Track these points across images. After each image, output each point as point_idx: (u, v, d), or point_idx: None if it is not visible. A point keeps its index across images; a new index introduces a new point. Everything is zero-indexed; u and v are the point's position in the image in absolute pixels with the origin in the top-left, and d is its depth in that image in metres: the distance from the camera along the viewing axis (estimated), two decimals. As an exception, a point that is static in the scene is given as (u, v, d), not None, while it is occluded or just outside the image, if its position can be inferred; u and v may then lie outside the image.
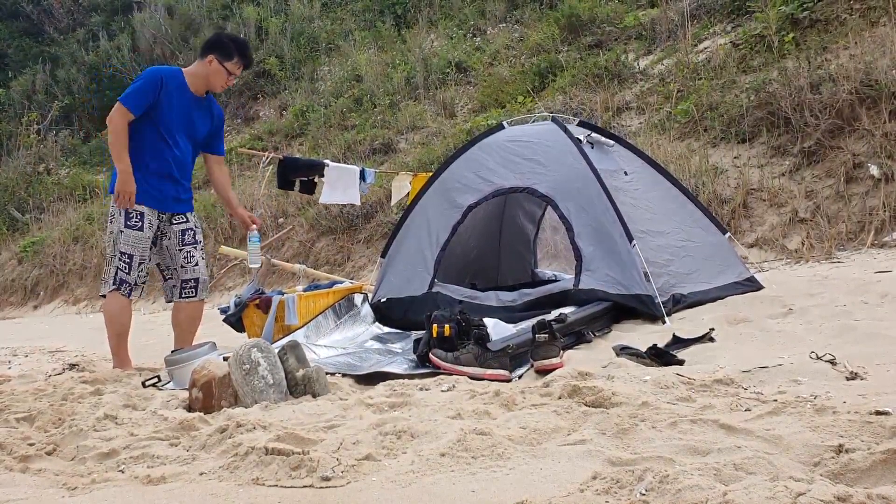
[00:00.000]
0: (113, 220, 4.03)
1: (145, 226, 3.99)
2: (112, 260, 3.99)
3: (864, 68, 6.40)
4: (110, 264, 4.00)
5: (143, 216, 3.99)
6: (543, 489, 1.52)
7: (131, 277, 3.95)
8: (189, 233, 4.20)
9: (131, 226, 3.97)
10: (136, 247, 3.97)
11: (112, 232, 4.03)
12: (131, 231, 3.96)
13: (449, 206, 4.68)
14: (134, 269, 3.96)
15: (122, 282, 3.95)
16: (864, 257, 5.44)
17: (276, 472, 1.71)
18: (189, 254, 4.14)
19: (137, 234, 3.97)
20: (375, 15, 13.74)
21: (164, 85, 4.04)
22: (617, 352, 3.19)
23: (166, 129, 4.02)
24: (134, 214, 3.98)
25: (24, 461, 2.09)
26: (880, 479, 1.46)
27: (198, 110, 4.18)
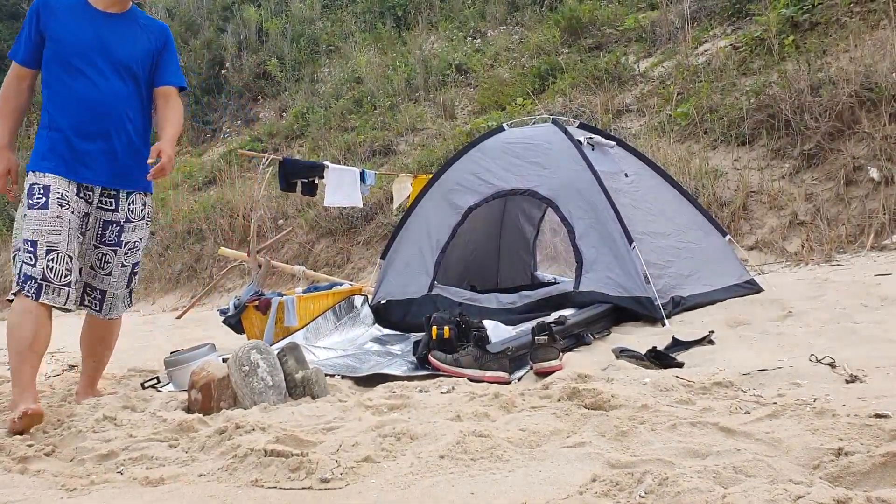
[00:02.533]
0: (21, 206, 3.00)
1: (51, 201, 2.87)
2: (16, 256, 2.90)
3: (864, 71, 6.40)
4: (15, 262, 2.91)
5: (49, 190, 2.89)
6: (543, 491, 1.52)
7: (37, 270, 2.79)
8: (113, 228, 3.09)
9: (33, 204, 2.90)
10: (40, 230, 2.83)
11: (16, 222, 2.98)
12: (33, 211, 2.88)
13: (449, 208, 4.68)
14: (40, 259, 2.80)
15: (26, 278, 2.80)
16: (863, 260, 5.44)
17: (276, 474, 1.71)
18: (104, 257, 3.10)
19: (41, 214, 2.85)
20: (376, 16, 13.75)
21: (47, 10, 2.98)
22: (616, 354, 3.19)
23: (65, 63, 2.93)
24: (36, 189, 2.92)
25: (22, 462, 2.09)
26: (880, 481, 1.46)
27: (113, 30, 3.00)
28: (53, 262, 2.82)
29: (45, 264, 2.80)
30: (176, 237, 10.76)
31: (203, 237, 10.46)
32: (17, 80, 3.01)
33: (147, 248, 11.08)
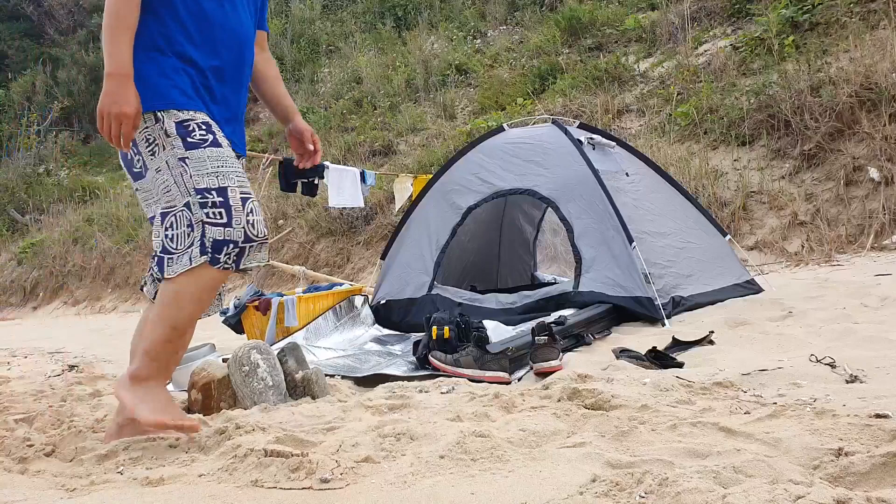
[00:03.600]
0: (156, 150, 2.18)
1: (220, 138, 2.23)
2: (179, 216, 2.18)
3: (864, 71, 6.41)
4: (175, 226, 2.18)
5: (211, 126, 2.22)
6: (542, 492, 1.52)
7: (236, 230, 2.14)
8: None
9: (198, 142, 2.16)
10: (226, 173, 2.16)
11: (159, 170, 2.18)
12: (206, 150, 2.16)
13: (449, 208, 4.68)
14: (236, 212, 2.14)
15: (220, 244, 2.13)
16: (863, 260, 5.44)
17: (275, 474, 1.71)
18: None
19: (218, 153, 2.18)
20: (376, 17, 13.76)
21: None
22: (616, 354, 3.19)
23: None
24: (194, 125, 2.18)
25: (22, 462, 2.09)
26: (880, 482, 1.46)
27: None
28: (253, 213, 2.17)
29: (246, 218, 2.15)
30: (176, 237, 10.75)
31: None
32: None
33: (147, 248, 11.06)
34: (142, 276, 6.57)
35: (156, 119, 2.18)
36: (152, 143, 2.18)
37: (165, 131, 2.17)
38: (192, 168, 2.16)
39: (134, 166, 2.26)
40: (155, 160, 2.19)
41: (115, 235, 11.63)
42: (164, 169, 2.18)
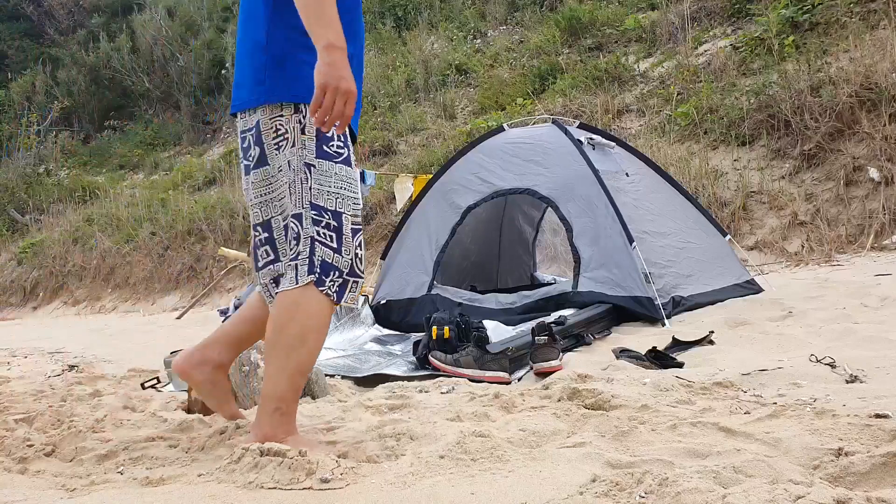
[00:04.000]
0: (283, 144, 1.99)
1: (352, 156, 2.06)
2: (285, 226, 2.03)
3: (864, 71, 6.41)
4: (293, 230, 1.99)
5: (348, 139, 2.05)
6: (542, 492, 1.52)
7: (344, 259, 1.97)
8: None
9: (333, 155, 1.99)
10: (345, 199, 2.00)
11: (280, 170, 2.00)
12: (338, 166, 1.99)
13: (449, 208, 4.68)
14: (347, 243, 1.98)
15: (329, 269, 1.95)
16: (863, 260, 5.44)
17: (275, 475, 1.70)
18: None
19: (347, 174, 2.01)
20: (376, 17, 13.75)
21: None
22: (616, 354, 3.19)
23: None
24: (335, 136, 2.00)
25: (22, 462, 2.09)
26: (880, 482, 1.46)
27: None
28: (360, 247, 2.03)
29: (354, 251, 2.00)
30: (176, 237, 10.76)
31: (203, 237, 10.47)
32: None
33: (147, 248, 11.09)
34: (139, 274, 6.54)
35: (295, 110, 1.97)
36: (280, 136, 1.98)
37: (303, 128, 1.96)
38: (315, 179, 1.95)
39: (248, 154, 2.04)
40: (278, 157, 1.99)
41: (115, 235, 11.63)
42: (286, 170, 1.98)
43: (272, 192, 2.02)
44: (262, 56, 1.98)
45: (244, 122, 2.04)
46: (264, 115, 1.98)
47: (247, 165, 2.05)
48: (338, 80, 1.79)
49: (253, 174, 2.03)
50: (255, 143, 2.01)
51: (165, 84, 15.56)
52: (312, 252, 1.94)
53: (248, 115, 2.03)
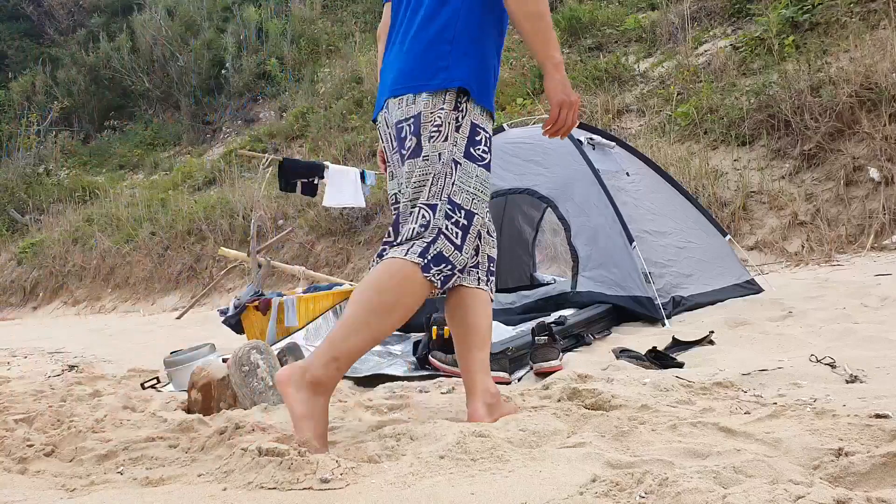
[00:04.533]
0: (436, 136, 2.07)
1: (492, 161, 2.22)
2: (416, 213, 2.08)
3: (864, 71, 6.41)
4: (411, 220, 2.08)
5: (491, 143, 2.20)
6: (542, 492, 1.52)
7: (460, 258, 2.08)
8: None
9: (477, 157, 2.14)
10: (479, 202, 2.15)
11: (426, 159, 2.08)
12: (478, 169, 2.14)
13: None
14: (467, 246, 2.09)
15: (441, 259, 2.04)
16: (863, 260, 5.44)
17: (275, 475, 1.70)
18: None
19: (485, 177, 2.18)
20: (376, 17, 13.75)
21: None
22: (616, 354, 3.19)
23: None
24: (483, 138, 2.15)
25: (22, 462, 2.09)
26: (880, 482, 1.46)
27: None
28: (478, 251, 2.16)
29: (472, 251, 2.12)
30: (176, 237, 10.77)
31: (203, 237, 10.47)
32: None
33: (147, 248, 11.09)
34: (139, 274, 6.54)
35: (455, 106, 2.09)
36: (436, 128, 2.07)
37: (458, 126, 2.08)
38: (458, 177, 2.08)
39: (405, 145, 2.11)
40: (429, 146, 2.07)
41: (115, 235, 11.63)
42: (434, 161, 2.07)
43: (420, 177, 2.08)
44: (444, 46, 2.09)
45: (402, 112, 2.11)
46: (426, 107, 2.07)
47: (402, 155, 2.11)
48: (570, 96, 2.04)
49: (407, 164, 2.10)
50: (412, 133, 2.08)
51: (165, 84, 15.57)
52: (433, 242, 2.04)
53: (409, 105, 2.09)
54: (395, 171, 2.21)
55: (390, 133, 2.17)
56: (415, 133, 2.07)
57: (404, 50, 2.15)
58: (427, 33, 2.11)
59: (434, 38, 2.10)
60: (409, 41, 2.15)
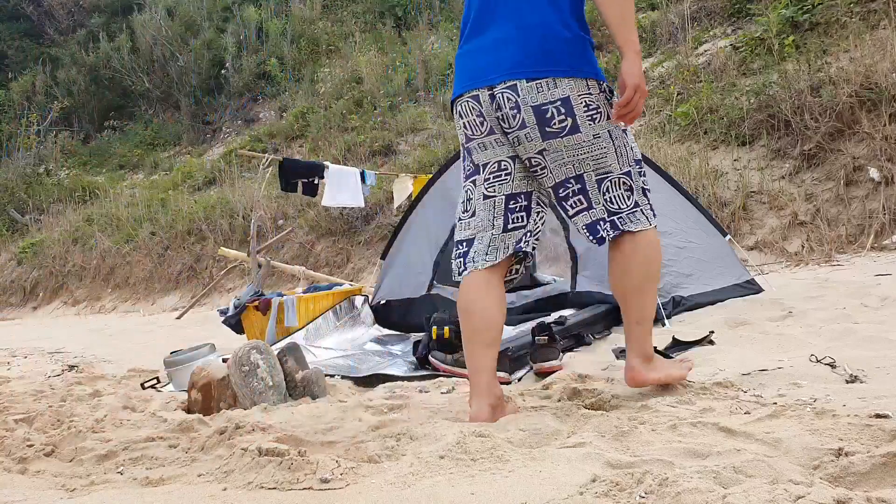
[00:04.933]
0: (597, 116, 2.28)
1: None
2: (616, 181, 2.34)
3: (864, 71, 6.41)
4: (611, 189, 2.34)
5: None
6: (542, 492, 1.52)
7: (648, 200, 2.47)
8: None
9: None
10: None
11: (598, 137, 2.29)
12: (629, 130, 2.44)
13: (448, 207, 4.67)
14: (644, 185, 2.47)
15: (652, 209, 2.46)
16: (863, 260, 5.44)
17: (275, 475, 1.70)
18: None
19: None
20: (376, 17, 13.76)
21: None
22: (616, 354, 3.19)
23: None
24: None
25: (22, 462, 2.09)
26: (880, 482, 1.46)
27: None
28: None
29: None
30: (176, 237, 10.77)
31: (203, 237, 10.47)
32: None
33: (147, 248, 11.09)
34: (139, 274, 6.48)
35: (600, 88, 2.30)
36: (593, 110, 2.27)
37: (609, 102, 2.31)
38: (630, 139, 2.37)
39: (551, 124, 2.25)
40: (593, 126, 2.28)
41: (115, 235, 11.63)
42: (605, 137, 2.29)
43: (587, 153, 2.29)
44: (566, 36, 2.27)
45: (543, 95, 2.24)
46: (572, 90, 2.25)
47: (545, 132, 2.26)
48: (643, 82, 2.22)
49: (566, 139, 2.27)
50: (566, 113, 2.25)
51: (165, 84, 15.57)
52: (649, 200, 2.41)
53: (550, 89, 2.24)
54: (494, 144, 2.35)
55: (506, 113, 2.27)
56: (567, 114, 2.25)
57: (521, 33, 2.27)
58: (544, 17, 2.26)
59: (559, 24, 2.26)
60: (524, 23, 2.28)
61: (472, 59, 2.36)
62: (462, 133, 2.42)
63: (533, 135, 2.27)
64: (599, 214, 2.34)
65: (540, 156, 2.30)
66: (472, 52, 2.36)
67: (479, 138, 2.37)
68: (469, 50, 2.38)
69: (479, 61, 2.33)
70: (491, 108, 2.30)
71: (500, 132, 2.32)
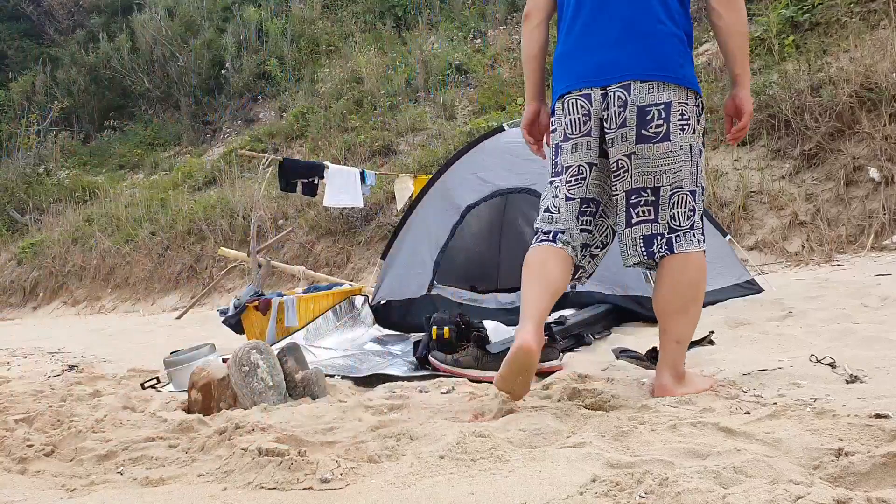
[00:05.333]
0: (686, 127, 2.34)
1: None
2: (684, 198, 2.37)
3: (864, 71, 6.41)
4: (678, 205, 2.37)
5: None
6: (542, 492, 1.52)
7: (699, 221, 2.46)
8: None
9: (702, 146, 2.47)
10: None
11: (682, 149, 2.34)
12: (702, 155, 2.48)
13: (448, 207, 4.68)
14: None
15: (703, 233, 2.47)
16: (863, 260, 5.44)
17: (275, 475, 1.70)
18: None
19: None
20: (376, 17, 13.76)
21: None
22: (616, 354, 3.19)
23: None
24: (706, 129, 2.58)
25: (22, 462, 2.09)
26: (880, 482, 1.46)
27: None
28: None
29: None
30: (176, 237, 10.76)
31: (203, 237, 10.47)
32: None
33: (147, 248, 11.08)
34: (139, 274, 6.49)
35: (696, 101, 2.38)
36: (684, 120, 2.33)
37: (699, 118, 2.38)
38: (702, 164, 2.40)
39: (648, 127, 2.31)
40: (681, 137, 2.32)
41: (115, 235, 11.63)
42: (686, 150, 2.34)
43: (669, 164, 2.33)
44: (678, 45, 2.34)
45: (651, 96, 2.30)
46: (675, 97, 2.31)
47: (642, 134, 2.31)
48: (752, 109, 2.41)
49: (656, 146, 2.32)
50: (663, 118, 2.30)
51: (165, 84, 15.57)
52: (703, 224, 2.42)
53: (659, 91, 2.30)
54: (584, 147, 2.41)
55: (613, 111, 2.32)
56: (665, 119, 2.30)
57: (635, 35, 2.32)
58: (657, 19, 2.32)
59: (670, 33, 2.33)
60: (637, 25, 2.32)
61: (582, 58, 2.40)
62: (561, 130, 2.45)
63: (630, 135, 2.32)
64: (660, 230, 2.37)
65: (627, 159, 2.34)
66: (582, 51, 2.40)
67: (575, 138, 2.42)
68: (577, 48, 2.41)
69: (592, 60, 2.37)
70: (600, 108, 2.35)
71: (597, 133, 2.38)
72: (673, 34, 2.34)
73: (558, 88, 2.45)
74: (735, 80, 2.40)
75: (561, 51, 2.47)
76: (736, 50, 2.37)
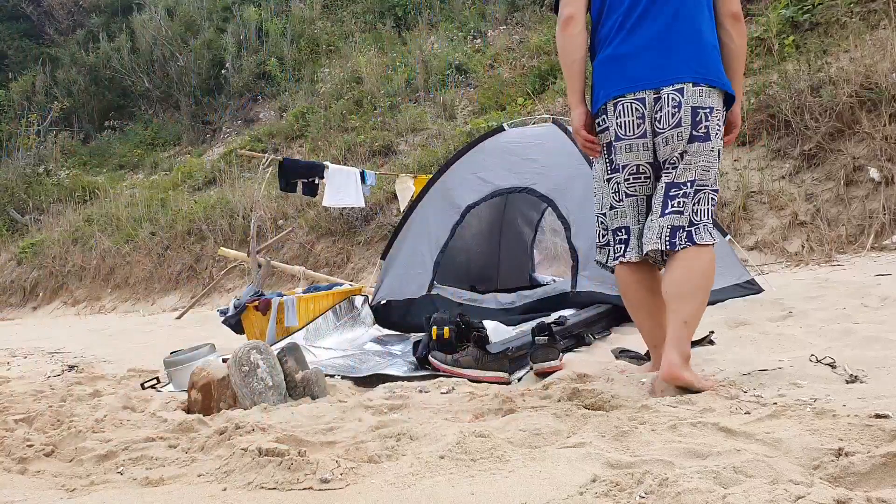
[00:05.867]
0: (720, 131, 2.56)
1: None
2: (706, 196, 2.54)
3: (864, 71, 6.40)
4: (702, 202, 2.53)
5: None
6: (542, 492, 1.52)
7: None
8: None
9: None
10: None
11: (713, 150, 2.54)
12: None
13: (449, 207, 4.68)
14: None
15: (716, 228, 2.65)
16: (863, 260, 5.44)
17: (275, 475, 1.71)
18: None
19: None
20: (376, 17, 13.76)
21: None
22: (616, 354, 3.19)
23: None
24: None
25: (22, 462, 2.09)
26: (880, 482, 1.46)
27: None
28: None
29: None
30: (176, 237, 10.76)
31: (203, 237, 10.47)
32: None
33: (147, 248, 11.08)
34: (139, 274, 6.53)
35: (726, 107, 2.57)
36: (720, 124, 2.54)
37: (723, 125, 2.57)
38: (718, 165, 2.58)
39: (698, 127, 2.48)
40: (716, 139, 2.52)
41: (115, 235, 11.63)
42: (716, 151, 2.54)
43: (706, 162, 2.51)
44: (715, 52, 2.54)
45: (702, 99, 2.47)
46: (717, 101, 2.51)
47: (692, 135, 2.48)
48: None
49: (702, 146, 2.49)
50: (707, 121, 2.48)
51: (165, 84, 15.57)
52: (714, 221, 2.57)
53: (708, 95, 2.48)
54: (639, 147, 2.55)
55: (667, 112, 2.47)
56: (709, 122, 2.49)
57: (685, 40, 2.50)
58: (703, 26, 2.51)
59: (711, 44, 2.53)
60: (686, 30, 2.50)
61: (633, 63, 2.52)
62: (612, 131, 2.57)
63: (683, 135, 2.47)
64: (684, 222, 2.50)
65: (679, 157, 2.50)
66: (633, 56, 2.53)
67: (628, 139, 2.55)
68: (627, 53, 2.54)
69: (644, 65, 2.51)
70: (653, 111, 2.49)
71: (650, 135, 2.52)
72: (714, 43, 2.54)
73: (609, 90, 2.55)
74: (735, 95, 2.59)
75: (611, 53, 2.57)
76: (738, 68, 2.59)
